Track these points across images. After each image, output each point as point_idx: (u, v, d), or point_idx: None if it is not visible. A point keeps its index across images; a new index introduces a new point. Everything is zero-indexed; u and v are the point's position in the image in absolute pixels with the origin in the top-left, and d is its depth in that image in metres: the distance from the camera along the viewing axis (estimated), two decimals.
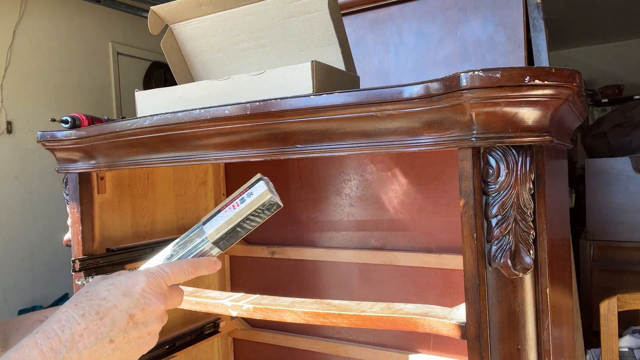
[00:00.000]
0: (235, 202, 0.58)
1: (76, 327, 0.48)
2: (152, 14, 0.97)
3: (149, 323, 0.52)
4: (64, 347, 0.47)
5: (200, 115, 0.77)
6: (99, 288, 0.52)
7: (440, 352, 1.19)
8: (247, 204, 0.57)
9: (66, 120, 0.98)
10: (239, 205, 0.58)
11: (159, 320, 0.53)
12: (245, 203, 0.57)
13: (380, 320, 0.72)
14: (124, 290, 0.52)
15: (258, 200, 0.57)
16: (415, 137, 0.65)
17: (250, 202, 0.57)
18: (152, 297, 0.53)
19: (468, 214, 0.62)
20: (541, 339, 0.62)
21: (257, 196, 0.57)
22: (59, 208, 3.07)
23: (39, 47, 3.09)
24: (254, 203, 0.57)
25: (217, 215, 0.59)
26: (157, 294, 0.53)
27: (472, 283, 0.62)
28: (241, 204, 0.57)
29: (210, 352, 1.47)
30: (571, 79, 0.56)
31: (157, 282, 0.54)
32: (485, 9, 1.18)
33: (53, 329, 0.48)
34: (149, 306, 0.52)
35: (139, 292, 0.52)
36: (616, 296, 1.39)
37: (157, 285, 0.54)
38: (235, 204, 0.58)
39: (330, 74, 0.80)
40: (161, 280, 0.54)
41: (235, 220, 0.58)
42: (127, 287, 0.52)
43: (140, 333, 0.51)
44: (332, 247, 1.33)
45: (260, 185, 0.58)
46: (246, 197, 0.57)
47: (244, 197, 0.58)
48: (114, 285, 0.52)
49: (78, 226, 1.06)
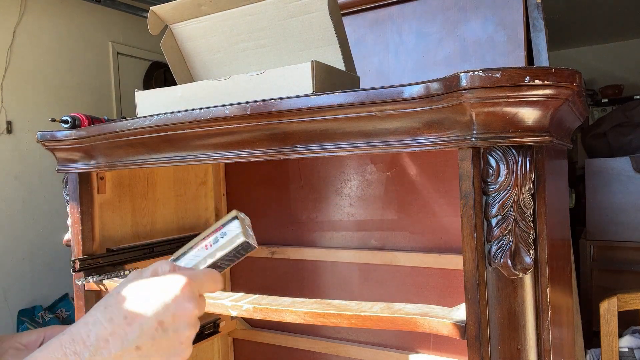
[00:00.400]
0: (208, 241, 0.55)
1: (102, 332, 0.46)
2: (152, 14, 0.97)
3: (179, 330, 0.49)
4: (87, 351, 0.45)
5: (200, 115, 0.77)
6: (130, 288, 0.50)
7: (440, 352, 1.19)
8: (220, 245, 0.54)
9: (66, 120, 0.98)
10: (211, 246, 0.55)
11: (190, 327, 0.50)
12: (218, 244, 0.54)
13: (380, 320, 0.72)
14: (156, 292, 0.49)
15: (231, 242, 0.54)
16: (415, 137, 0.65)
17: (224, 244, 0.54)
18: (185, 302, 0.49)
19: (468, 214, 0.62)
20: (541, 339, 0.62)
21: (230, 238, 0.54)
22: (59, 208, 3.07)
23: (39, 47, 3.09)
24: (226, 245, 0.54)
25: (189, 253, 0.56)
26: (190, 299, 0.50)
27: (472, 283, 0.62)
28: (214, 245, 0.55)
29: (210, 352, 1.47)
30: (571, 79, 0.56)
31: (191, 288, 0.50)
32: (485, 9, 1.18)
33: (79, 332, 0.46)
34: (180, 311, 0.49)
35: (171, 296, 0.49)
36: (616, 296, 1.39)
37: (191, 291, 0.50)
38: (209, 243, 0.55)
39: (330, 74, 0.80)
40: (195, 286, 0.51)
41: (207, 261, 0.55)
42: (160, 290, 0.49)
43: (169, 341, 0.48)
44: (332, 247, 1.33)
45: (234, 225, 0.55)
46: (219, 238, 0.55)
47: (217, 237, 0.55)
48: (146, 286, 0.49)
49: (78, 226, 1.06)
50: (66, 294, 3.04)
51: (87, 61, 3.39)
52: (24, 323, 2.79)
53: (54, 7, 3.20)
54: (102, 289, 1.07)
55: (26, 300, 2.92)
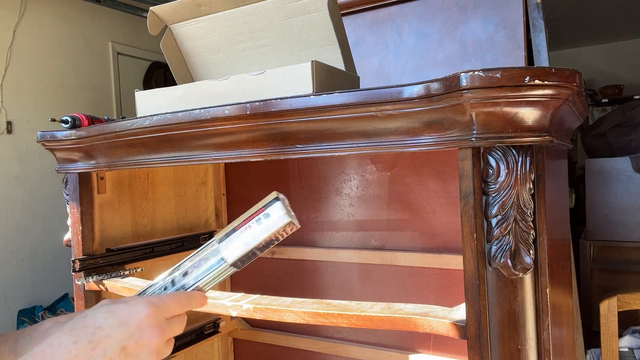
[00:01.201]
0: (252, 222, 0.56)
1: (66, 355, 0.47)
2: (152, 14, 0.97)
3: (141, 356, 0.50)
4: None
5: (200, 115, 0.77)
6: (97, 313, 0.51)
7: (440, 352, 1.19)
8: (264, 226, 0.55)
9: (66, 120, 0.98)
10: (255, 226, 0.55)
11: (153, 354, 0.51)
12: (262, 225, 0.55)
13: (380, 320, 0.72)
14: (120, 319, 0.50)
15: (275, 223, 0.55)
16: (415, 137, 0.65)
17: (267, 225, 0.55)
18: (148, 329, 0.51)
19: (468, 214, 0.62)
20: (541, 339, 0.62)
21: (275, 219, 0.55)
22: (59, 208, 3.07)
23: (39, 47, 3.09)
24: (271, 226, 0.55)
25: (233, 234, 0.57)
26: (154, 326, 0.51)
27: (472, 283, 0.62)
28: (257, 225, 0.55)
29: (210, 352, 1.47)
30: (571, 79, 0.56)
31: (156, 314, 0.52)
32: (485, 9, 1.18)
33: (45, 353, 0.47)
34: (143, 339, 0.50)
35: (135, 323, 0.50)
36: (616, 296, 1.39)
37: (156, 318, 0.52)
38: (252, 224, 0.55)
39: (330, 74, 0.80)
40: (161, 312, 0.52)
41: (251, 242, 0.56)
42: (124, 317, 0.50)
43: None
44: (332, 247, 1.33)
45: (278, 206, 0.55)
46: (262, 219, 0.55)
47: (260, 218, 0.55)
48: (111, 313, 0.51)
49: (78, 226, 1.06)
50: (66, 294, 3.04)
51: (87, 61, 3.39)
52: (24, 323, 2.79)
53: (54, 7, 3.20)
54: (102, 289, 1.07)
55: (26, 300, 2.92)
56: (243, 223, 0.57)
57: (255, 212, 0.57)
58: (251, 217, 0.56)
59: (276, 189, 0.62)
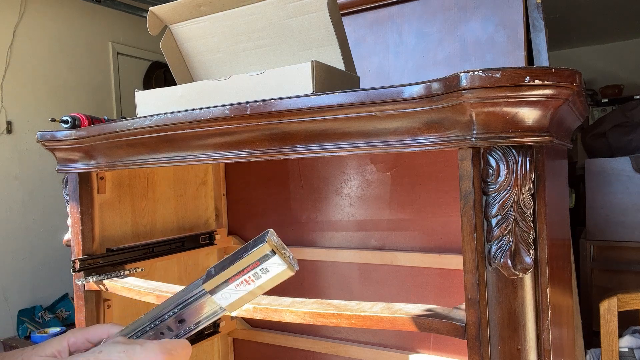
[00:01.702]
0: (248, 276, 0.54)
1: None
2: (151, 14, 0.97)
3: None
4: None
5: (200, 115, 0.77)
6: (112, 350, 0.51)
7: (440, 352, 1.19)
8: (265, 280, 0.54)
9: (66, 120, 0.98)
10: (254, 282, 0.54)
11: None
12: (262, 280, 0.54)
13: (380, 320, 0.72)
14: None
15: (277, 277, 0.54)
16: (415, 137, 0.65)
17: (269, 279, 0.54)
18: None
19: (468, 214, 0.62)
20: (541, 339, 0.62)
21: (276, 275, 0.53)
22: (59, 208, 3.07)
23: (39, 47, 3.09)
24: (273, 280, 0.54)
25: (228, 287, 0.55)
26: None
27: (472, 283, 0.62)
28: (257, 281, 0.54)
29: (210, 352, 1.47)
30: (571, 79, 0.56)
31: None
32: (485, 9, 1.18)
33: None
34: None
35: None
36: (616, 296, 1.39)
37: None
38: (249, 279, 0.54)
39: (330, 74, 0.80)
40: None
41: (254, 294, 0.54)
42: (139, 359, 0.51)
43: None
44: (332, 247, 1.33)
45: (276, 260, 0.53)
46: (261, 274, 0.53)
47: (257, 272, 0.53)
48: (127, 354, 0.51)
49: (78, 226, 1.06)
50: (66, 294, 3.04)
51: (87, 61, 3.40)
52: (24, 323, 2.79)
53: (54, 7, 3.20)
54: (102, 289, 1.07)
55: (26, 300, 2.92)
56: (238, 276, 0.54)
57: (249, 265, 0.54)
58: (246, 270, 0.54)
59: (276, 189, 0.62)
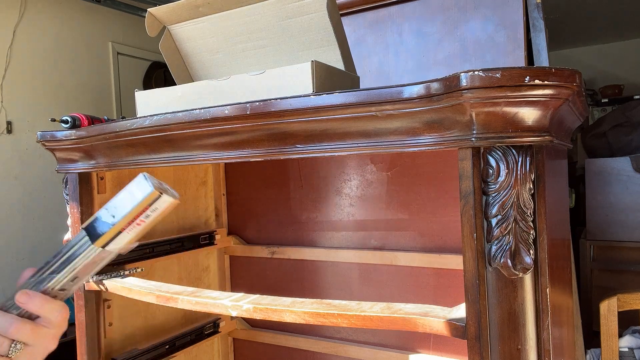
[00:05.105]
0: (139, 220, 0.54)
1: None
2: (150, 15, 0.97)
3: None
4: None
5: (200, 115, 0.77)
6: None
7: (440, 352, 1.19)
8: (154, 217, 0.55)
9: (66, 120, 0.98)
10: (144, 222, 0.55)
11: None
12: (151, 218, 0.54)
13: (380, 320, 0.72)
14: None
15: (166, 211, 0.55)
16: (415, 137, 0.65)
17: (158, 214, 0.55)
18: None
19: (468, 214, 0.62)
20: (541, 339, 0.62)
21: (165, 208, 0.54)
22: (59, 208, 3.07)
23: (39, 47, 3.09)
24: (161, 214, 0.55)
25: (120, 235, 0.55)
26: None
27: (472, 283, 0.62)
28: (147, 220, 0.54)
29: (210, 352, 1.47)
30: (571, 79, 0.56)
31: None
32: (485, 9, 1.18)
33: None
34: None
35: None
36: (616, 296, 1.39)
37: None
38: (139, 221, 0.54)
39: (330, 74, 0.80)
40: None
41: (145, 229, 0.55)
42: None
43: None
44: (332, 247, 1.33)
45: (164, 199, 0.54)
46: (151, 213, 0.54)
47: (148, 214, 0.54)
48: None
49: (78, 226, 1.06)
50: None
51: (87, 61, 3.39)
52: None
53: (54, 7, 3.19)
54: (102, 289, 1.07)
55: None
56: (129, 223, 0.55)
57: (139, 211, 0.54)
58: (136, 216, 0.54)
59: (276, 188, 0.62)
